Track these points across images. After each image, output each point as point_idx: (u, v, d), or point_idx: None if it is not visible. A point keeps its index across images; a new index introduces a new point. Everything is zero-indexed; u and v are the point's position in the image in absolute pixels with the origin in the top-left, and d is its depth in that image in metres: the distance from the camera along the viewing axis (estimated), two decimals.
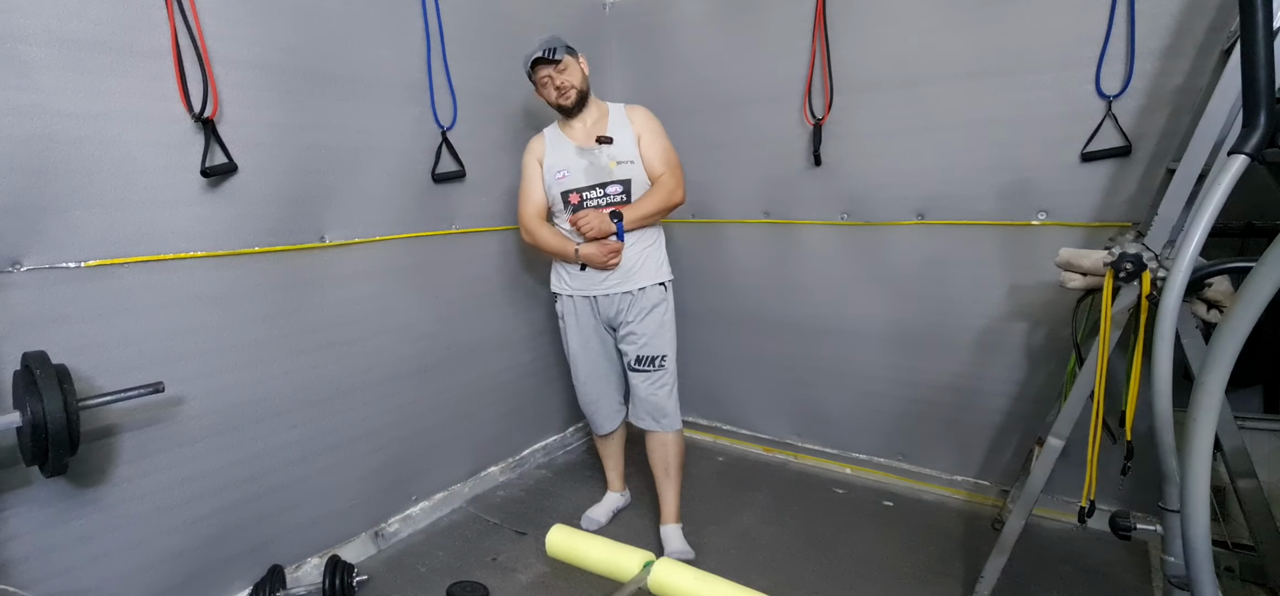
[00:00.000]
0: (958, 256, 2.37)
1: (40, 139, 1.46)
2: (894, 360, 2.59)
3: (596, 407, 2.39)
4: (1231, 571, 1.65)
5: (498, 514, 2.56)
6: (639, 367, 2.21)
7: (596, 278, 2.17)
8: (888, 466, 2.72)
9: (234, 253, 1.83)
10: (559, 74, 2.08)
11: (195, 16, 1.66)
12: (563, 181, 2.14)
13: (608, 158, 2.13)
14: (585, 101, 2.15)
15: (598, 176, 2.12)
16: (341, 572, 2.00)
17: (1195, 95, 1.84)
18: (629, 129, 2.17)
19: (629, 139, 2.15)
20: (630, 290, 2.16)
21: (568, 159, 2.15)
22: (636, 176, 2.14)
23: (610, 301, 2.19)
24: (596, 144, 2.14)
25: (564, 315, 2.30)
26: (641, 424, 2.27)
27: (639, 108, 2.23)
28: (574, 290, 2.23)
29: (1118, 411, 1.68)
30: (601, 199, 2.12)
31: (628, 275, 2.16)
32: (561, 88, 2.09)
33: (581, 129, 2.17)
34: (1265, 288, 0.87)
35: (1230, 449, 1.52)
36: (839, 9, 2.44)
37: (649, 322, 2.18)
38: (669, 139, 2.20)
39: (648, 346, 2.19)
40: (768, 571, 2.17)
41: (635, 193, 2.13)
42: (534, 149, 2.23)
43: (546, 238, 2.19)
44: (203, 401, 1.80)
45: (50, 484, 1.54)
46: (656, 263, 2.21)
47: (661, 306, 2.20)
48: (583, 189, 2.12)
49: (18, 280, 1.47)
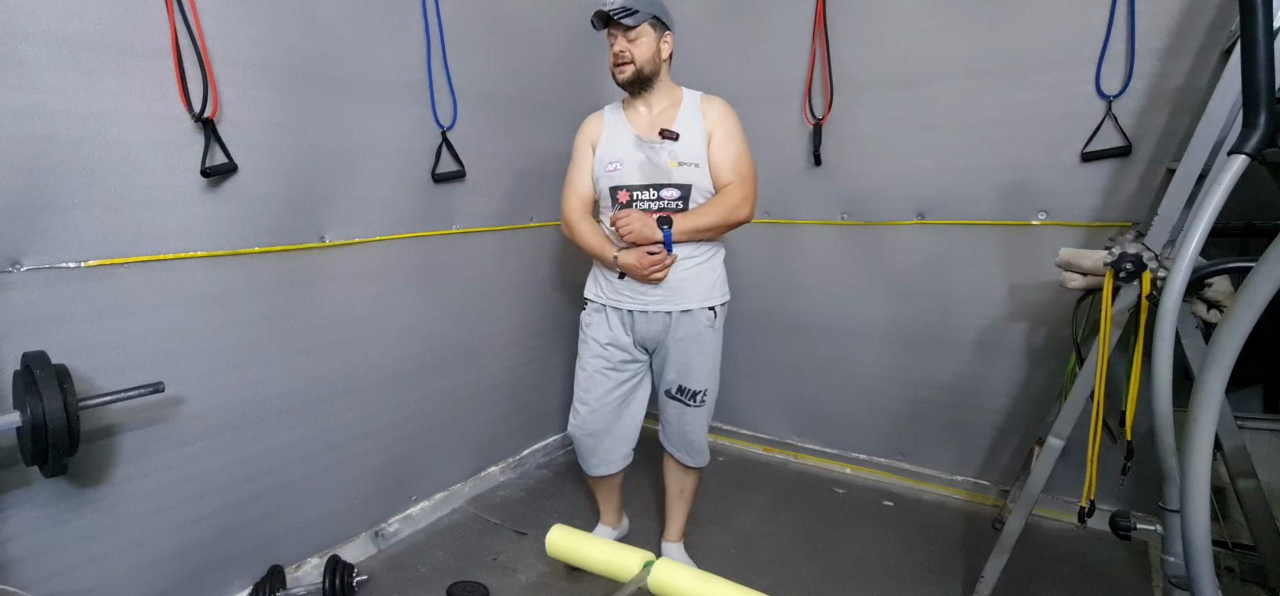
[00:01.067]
0: (958, 256, 2.37)
1: (40, 139, 1.46)
2: (894, 360, 2.59)
3: (596, 444, 2.04)
4: (1231, 571, 1.65)
5: (498, 514, 2.56)
6: (677, 397, 1.98)
7: (638, 290, 1.89)
8: (888, 466, 2.72)
9: (234, 252, 1.83)
10: (626, 41, 1.78)
11: (195, 16, 1.66)
12: (614, 174, 1.86)
13: (668, 156, 1.83)
14: (649, 84, 1.86)
15: (653, 176, 1.84)
16: (341, 572, 2.00)
17: (1195, 95, 1.84)
18: (700, 125, 1.87)
19: (698, 137, 1.85)
20: (672, 310, 1.89)
21: (624, 149, 1.86)
22: (698, 182, 1.84)
23: (649, 321, 1.91)
24: (659, 138, 1.85)
25: (590, 325, 2.00)
26: (671, 451, 2.08)
27: (717, 100, 1.92)
28: (608, 299, 1.94)
29: (1118, 411, 1.68)
30: (654, 202, 1.84)
31: (672, 293, 1.87)
32: (619, 55, 1.80)
33: (646, 116, 1.88)
34: (1265, 287, 0.87)
35: (1230, 449, 1.52)
36: (839, 9, 2.44)
37: (693, 352, 1.91)
38: (746, 143, 1.90)
39: (689, 378, 1.94)
40: (768, 571, 2.17)
41: (694, 202, 1.85)
42: (589, 129, 1.94)
43: (585, 235, 1.91)
44: (203, 401, 1.80)
45: (50, 484, 1.54)
46: (709, 283, 1.91)
47: (709, 334, 1.92)
48: (634, 187, 1.85)
49: (18, 280, 1.46)
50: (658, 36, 1.84)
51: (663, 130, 1.85)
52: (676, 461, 2.10)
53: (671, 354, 1.94)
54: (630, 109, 1.93)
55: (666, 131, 1.85)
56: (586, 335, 2.02)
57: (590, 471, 2.11)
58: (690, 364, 1.94)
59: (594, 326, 1.99)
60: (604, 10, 1.75)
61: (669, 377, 1.98)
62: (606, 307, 1.97)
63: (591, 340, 2.00)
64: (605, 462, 2.08)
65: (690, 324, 1.91)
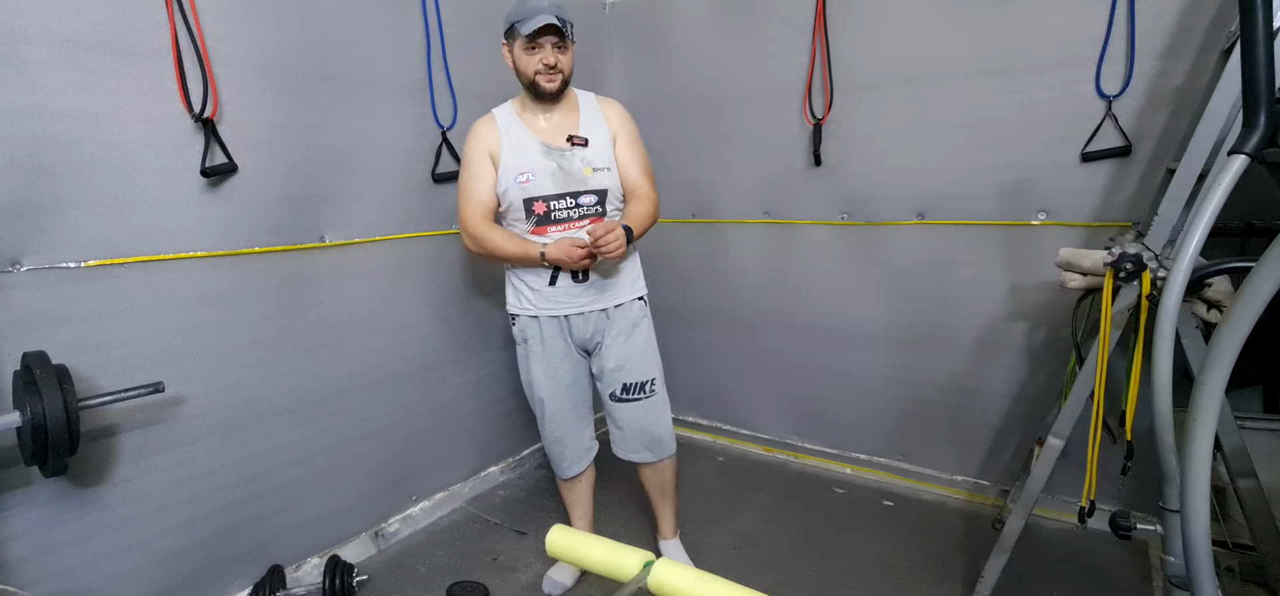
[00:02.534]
0: (958, 256, 2.37)
1: (40, 139, 1.46)
2: (894, 360, 2.59)
3: (563, 447, 2.04)
4: (1231, 571, 1.65)
5: (498, 514, 2.56)
6: (626, 397, 1.95)
7: (569, 293, 1.86)
8: (888, 466, 2.72)
9: (234, 252, 1.83)
10: (559, 52, 1.76)
11: (195, 16, 1.66)
12: (527, 186, 1.80)
13: (582, 162, 1.82)
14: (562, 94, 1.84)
15: (568, 183, 1.81)
16: (341, 572, 2.00)
17: (1195, 95, 1.84)
18: (604, 128, 1.87)
19: (605, 139, 1.86)
20: (607, 307, 1.90)
21: (532, 158, 1.81)
22: (613, 186, 1.86)
23: (585, 321, 1.90)
24: (568, 144, 1.83)
25: (527, 340, 1.95)
26: (634, 457, 2.04)
27: (614, 102, 1.94)
28: (540, 310, 1.89)
29: (1118, 411, 1.68)
30: (572, 210, 1.82)
31: (604, 290, 1.88)
32: (554, 66, 1.76)
33: (546, 122, 1.84)
34: (1265, 287, 0.87)
35: (1230, 449, 1.52)
36: (839, 9, 2.44)
37: (632, 344, 1.93)
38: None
39: (633, 372, 1.93)
40: (768, 571, 2.17)
41: (611, 201, 1.86)
42: (484, 137, 1.84)
43: (500, 242, 1.82)
44: (203, 401, 1.80)
45: (50, 484, 1.54)
46: (633, 275, 1.95)
47: (643, 323, 1.96)
48: (550, 197, 1.80)
49: (18, 280, 1.47)
50: (572, 47, 1.82)
51: (572, 136, 1.83)
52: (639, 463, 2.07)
53: (610, 351, 1.92)
54: (527, 114, 1.86)
55: (576, 137, 1.83)
56: (527, 350, 1.96)
57: (564, 474, 2.08)
58: (631, 356, 1.93)
59: (529, 338, 1.94)
60: (552, 22, 1.71)
61: (612, 379, 1.95)
62: (539, 317, 1.91)
63: (533, 354, 1.95)
64: (576, 460, 2.07)
65: (624, 316, 1.92)
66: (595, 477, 2.17)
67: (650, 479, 2.11)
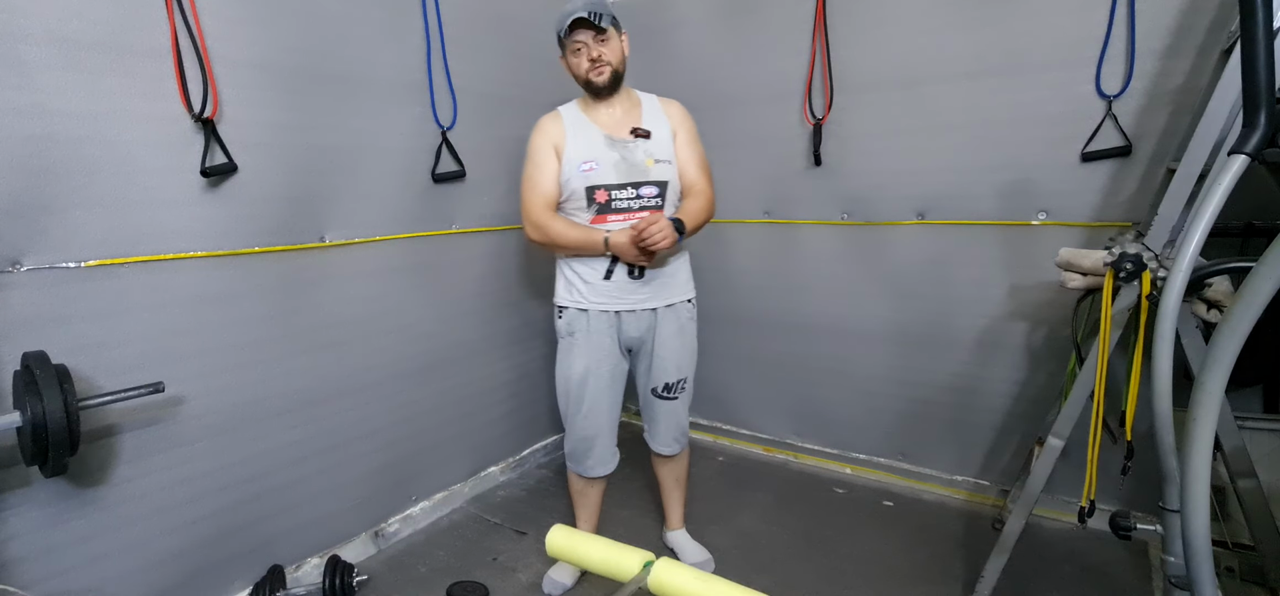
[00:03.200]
0: (958, 256, 2.37)
1: (40, 139, 1.46)
2: (894, 360, 2.59)
3: (591, 447, 2.02)
4: (1231, 571, 1.65)
5: (498, 514, 2.56)
6: (666, 395, 2.01)
7: (623, 289, 1.88)
8: (888, 466, 2.72)
9: (234, 252, 1.83)
10: (599, 44, 1.80)
11: (195, 16, 1.66)
12: (590, 174, 1.83)
13: (644, 154, 1.85)
14: (618, 84, 1.87)
15: (631, 174, 1.83)
16: (341, 572, 2.00)
17: (1195, 95, 1.84)
18: (665, 124, 1.91)
19: (666, 134, 1.90)
20: (658, 306, 1.92)
21: (596, 148, 1.84)
22: (673, 179, 1.88)
23: (637, 320, 1.91)
24: (631, 136, 1.86)
25: (572, 332, 1.94)
26: (666, 451, 2.11)
27: (675, 102, 1.98)
28: (591, 303, 1.90)
29: (1118, 411, 1.68)
30: (633, 201, 1.84)
31: (658, 289, 1.90)
32: (597, 60, 1.81)
33: (609, 116, 1.88)
34: (1265, 287, 0.87)
35: (1230, 449, 1.52)
36: (839, 9, 2.44)
37: (678, 346, 1.96)
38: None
39: (676, 371, 1.98)
40: (768, 571, 2.17)
41: (670, 198, 1.88)
42: (548, 131, 1.88)
43: (562, 230, 1.85)
44: (203, 401, 1.80)
45: (50, 484, 1.54)
46: (685, 276, 1.98)
47: (690, 325, 2.01)
48: (612, 186, 1.83)
49: (18, 280, 1.46)
50: (619, 37, 1.87)
51: (635, 128, 1.87)
52: (668, 455, 2.14)
53: (657, 351, 1.96)
54: (591, 110, 1.90)
55: (639, 129, 1.87)
56: (571, 344, 1.95)
57: (588, 472, 2.06)
58: (676, 357, 1.97)
59: (576, 331, 1.93)
60: (581, 15, 1.75)
61: (656, 377, 1.99)
62: (589, 311, 1.91)
63: (578, 349, 1.94)
64: (602, 462, 2.06)
65: (674, 318, 1.96)
66: (606, 482, 2.17)
67: (669, 470, 2.19)
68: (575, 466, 2.09)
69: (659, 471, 2.21)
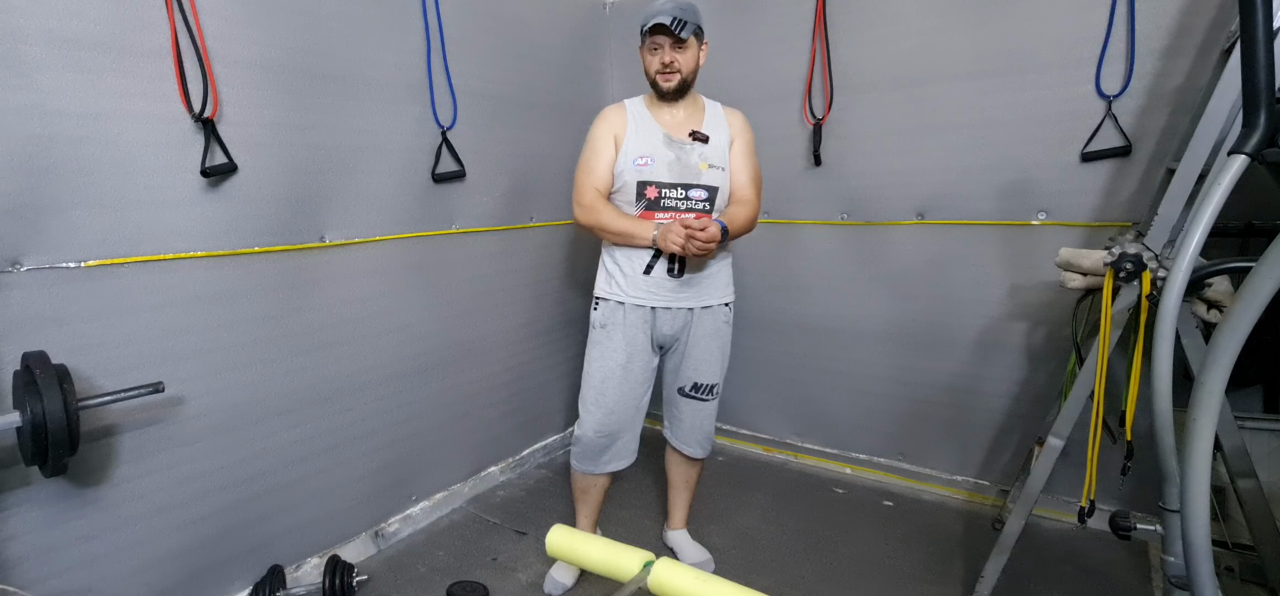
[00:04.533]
0: (958, 256, 2.37)
1: (40, 139, 1.46)
2: (894, 360, 2.59)
3: (612, 442, 2.00)
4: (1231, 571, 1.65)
5: (498, 514, 2.56)
6: (696, 396, 2.02)
7: (662, 286, 1.88)
8: (888, 466, 2.72)
9: (234, 252, 1.83)
10: (675, 51, 1.81)
11: (195, 16, 1.66)
12: (644, 169, 1.84)
13: (699, 157, 1.87)
14: (686, 91, 1.89)
15: (684, 175, 1.85)
16: (341, 572, 2.00)
17: (1195, 95, 1.84)
18: (725, 131, 1.92)
19: (724, 142, 1.91)
20: (695, 307, 1.92)
21: (654, 145, 1.86)
22: (723, 186, 1.89)
23: (673, 317, 1.92)
24: (690, 139, 1.88)
25: (607, 324, 1.93)
26: (688, 451, 2.10)
27: (738, 112, 1.98)
28: (629, 297, 1.90)
29: (1118, 411, 1.68)
30: (681, 201, 1.85)
31: (698, 290, 1.91)
32: (669, 66, 1.82)
33: (672, 117, 1.90)
34: (1265, 287, 0.87)
35: (1230, 449, 1.52)
36: (839, 9, 2.44)
37: (712, 348, 1.97)
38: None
39: (708, 373, 1.99)
40: (768, 571, 2.17)
41: (718, 202, 1.89)
42: (611, 121, 1.91)
43: (611, 218, 1.86)
44: (203, 401, 1.80)
45: (50, 484, 1.54)
46: (726, 280, 1.99)
47: (725, 329, 2.00)
48: (664, 184, 1.85)
49: (18, 280, 1.46)
50: (699, 47, 1.87)
51: (693, 131, 1.88)
52: (685, 456, 2.13)
53: (690, 351, 1.97)
54: (656, 108, 1.92)
55: (697, 133, 1.88)
56: (605, 336, 1.94)
57: (600, 469, 2.04)
58: (709, 360, 1.98)
59: (612, 323, 1.93)
60: (663, 23, 1.76)
61: (685, 376, 2.00)
62: (625, 304, 1.91)
63: (611, 341, 1.93)
64: (618, 458, 2.04)
65: (711, 320, 1.96)
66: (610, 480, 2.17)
67: (682, 472, 2.19)
68: (587, 463, 2.05)
69: (672, 470, 2.20)
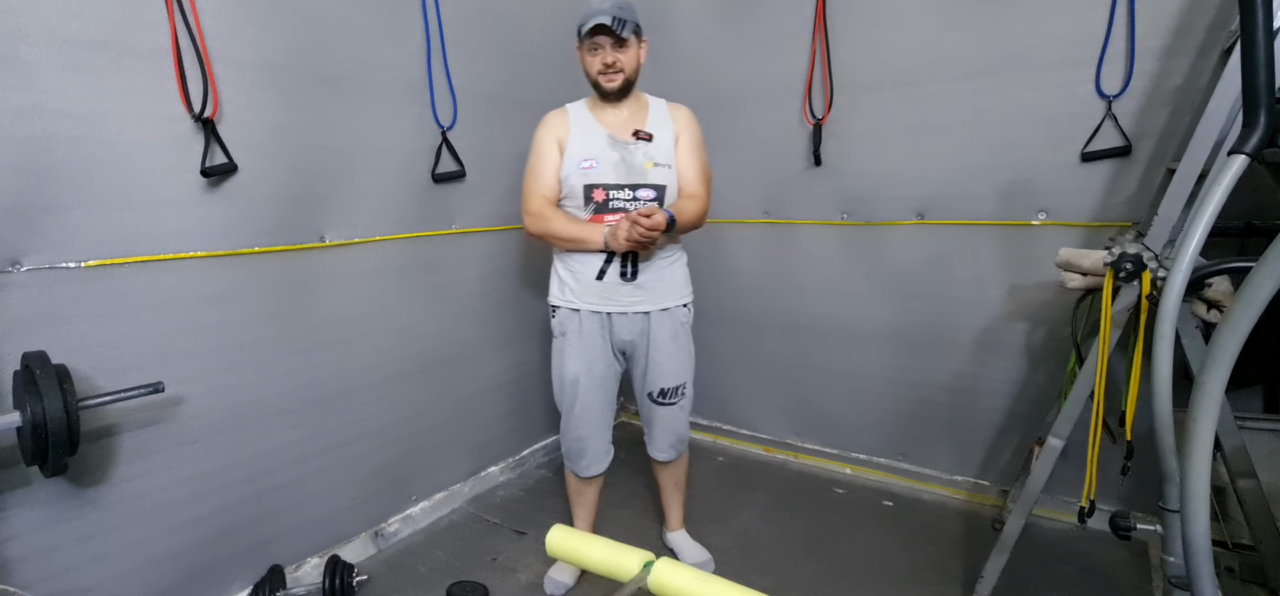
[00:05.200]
0: (958, 256, 2.37)
1: (40, 139, 1.46)
2: (894, 360, 2.59)
3: (585, 447, 2.03)
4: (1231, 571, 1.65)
5: (498, 514, 2.56)
6: (664, 401, 2.00)
7: (615, 291, 1.88)
8: (888, 466, 2.72)
9: (234, 253, 1.83)
10: (617, 50, 1.80)
11: (195, 16, 1.66)
12: (589, 172, 1.84)
13: (644, 157, 1.86)
14: (629, 91, 1.88)
15: (630, 176, 1.84)
16: (341, 572, 2.00)
17: (1195, 95, 1.84)
18: (670, 128, 1.91)
19: (669, 139, 1.90)
20: (651, 310, 1.92)
21: (598, 148, 1.85)
22: (671, 183, 1.88)
23: (629, 322, 1.91)
24: (634, 138, 1.87)
25: (565, 332, 1.95)
26: (662, 456, 2.11)
27: (682, 108, 1.97)
28: (583, 303, 1.91)
29: (1118, 411, 1.68)
30: (629, 202, 1.84)
31: (651, 293, 1.90)
32: (611, 66, 1.80)
33: (615, 117, 1.89)
34: (1265, 287, 0.87)
35: (1230, 449, 1.51)
36: (839, 9, 2.44)
37: (674, 350, 1.95)
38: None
39: (673, 376, 1.97)
40: (768, 571, 2.17)
41: (667, 200, 1.88)
42: (553, 126, 1.90)
43: (562, 224, 1.85)
44: (203, 401, 1.80)
45: (50, 484, 1.54)
46: (681, 280, 1.97)
47: (685, 331, 1.99)
48: (610, 186, 1.84)
49: (18, 280, 1.46)
50: (639, 44, 1.87)
51: (637, 131, 1.87)
52: (660, 461, 2.14)
53: (653, 356, 1.95)
54: (598, 109, 1.91)
55: (640, 132, 1.87)
56: (564, 344, 1.96)
57: (582, 473, 2.08)
58: (672, 363, 1.97)
59: (568, 331, 1.95)
60: (603, 23, 1.75)
61: (652, 382, 1.99)
62: (580, 312, 1.92)
63: (569, 349, 1.95)
64: (596, 461, 2.07)
65: (669, 322, 1.94)
66: (603, 480, 2.19)
67: (669, 474, 2.18)
68: (571, 465, 2.11)
69: (658, 475, 2.21)
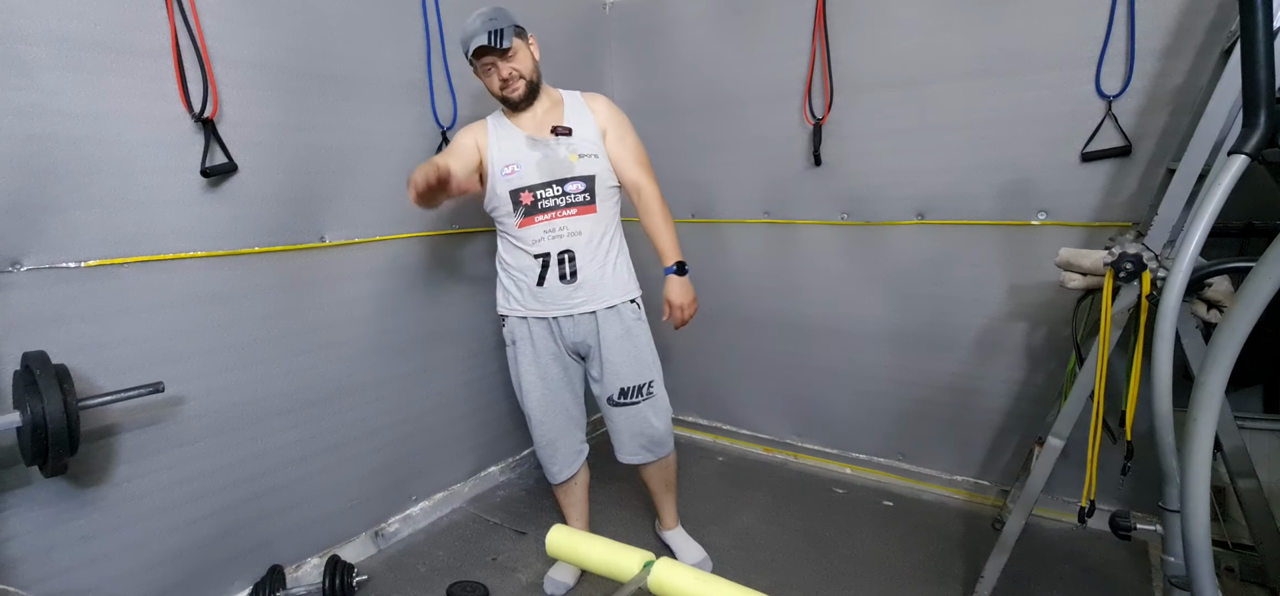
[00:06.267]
0: (958, 256, 2.37)
1: (40, 139, 1.46)
2: (894, 360, 2.59)
3: (553, 451, 2.03)
4: (1231, 571, 1.65)
5: (498, 514, 2.56)
6: (624, 402, 1.95)
7: (558, 295, 1.86)
8: (888, 466, 2.72)
9: (234, 252, 1.83)
10: (506, 62, 1.77)
11: (195, 16, 1.66)
12: (513, 177, 1.83)
13: (567, 150, 1.84)
14: (536, 93, 1.85)
15: (554, 171, 1.83)
16: (341, 572, 2.00)
17: (1195, 95, 1.84)
18: (590, 119, 1.89)
19: (591, 130, 1.87)
20: (596, 309, 1.89)
21: (517, 151, 1.84)
22: (601, 171, 1.86)
23: (575, 325, 1.90)
24: (552, 135, 1.84)
25: (516, 341, 1.96)
26: (632, 459, 2.05)
27: (599, 96, 1.95)
28: (529, 311, 1.91)
29: (1118, 411, 1.68)
30: (559, 198, 1.83)
31: (594, 292, 1.88)
32: (508, 79, 1.78)
33: (531, 118, 1.87)
34: (1265, 287, 0.87)
35: (1230, 449, 1.51)
36: (839, 9, 2.43)
37: (627, 348, 1.92)
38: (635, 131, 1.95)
39: (630, 375, 1.93)
40: (768, 571, 2.17)
41: (599, 190, 1.86)
42: (473, 130, 1.90)
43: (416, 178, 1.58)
44: (203, 401, 1.80)
45: (50, 484, 1.54)
46: (625, 275, 1.93)
47: (638, 326, 1.95)
48: (536, 186, 1.82)
49: (18, 280, 1.47)
50: (527, 44, 1.83)
51: (555, 127, 1.85)
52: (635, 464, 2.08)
53: (606, 358, 1.92)
54: (515, 115, 1.89)
55: (558, 127, 1.85)
56: (516, 352, 1.97)
57: (555, 479, 2.08)
58: (627, 362, 1.93)
59: (518, 339, 1.95)
60: (482, 45, 1.72)
61: (609, 384, 1.95)
62: (527, 319, 1.92)
63: (522, 356, 1.96)
64: (567, 464, 2.06)
65: (617, 321, 1.91)
66: (589, 478, 2.18)
67: (654, 476, 2.13)
68: (546, 473, 2.11)
69: (644, 477, 2.15)
